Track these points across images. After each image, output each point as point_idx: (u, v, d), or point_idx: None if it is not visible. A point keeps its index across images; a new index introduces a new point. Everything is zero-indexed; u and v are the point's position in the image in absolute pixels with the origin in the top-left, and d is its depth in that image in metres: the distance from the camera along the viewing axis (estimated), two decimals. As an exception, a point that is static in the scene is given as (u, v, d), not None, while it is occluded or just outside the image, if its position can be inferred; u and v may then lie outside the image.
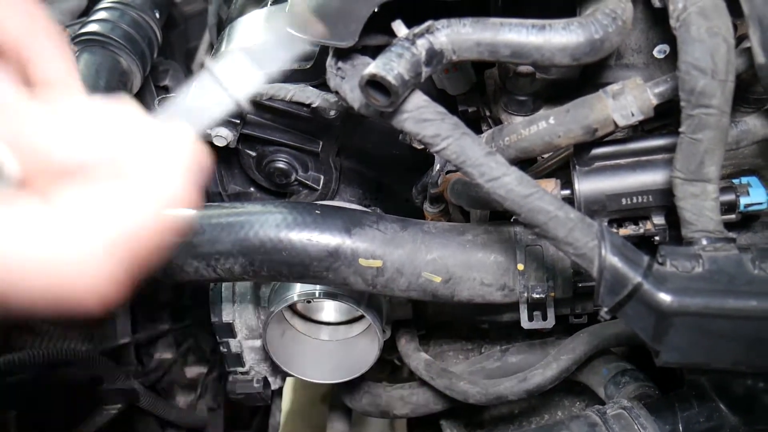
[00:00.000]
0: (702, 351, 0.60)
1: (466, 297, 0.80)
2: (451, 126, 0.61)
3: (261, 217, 0.78)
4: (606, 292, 0.58)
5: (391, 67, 0.58)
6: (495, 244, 0.80)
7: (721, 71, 0.58)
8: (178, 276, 0.80)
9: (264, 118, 0.99)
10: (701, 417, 0.78)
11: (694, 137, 0.61)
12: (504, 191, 0.60)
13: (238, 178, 1.11)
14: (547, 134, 0.70)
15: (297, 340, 1.03)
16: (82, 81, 1.03)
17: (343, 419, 1.39)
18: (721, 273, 0.59)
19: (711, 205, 0.63)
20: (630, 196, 0.73)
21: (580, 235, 0.59)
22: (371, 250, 0.77)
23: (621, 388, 0.88)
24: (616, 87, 0.68)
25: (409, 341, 1.08)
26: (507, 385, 0.90)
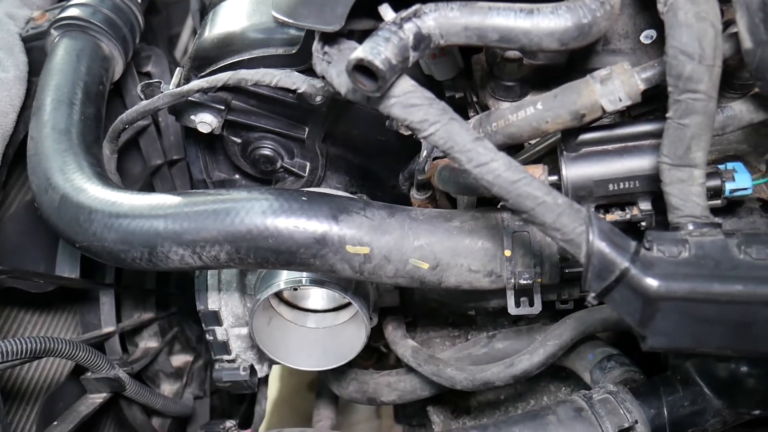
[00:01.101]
0: (688, 335, 0.60)
1: (453, 283, 0.80)
2: (439, 111, 0.61)
3: (247, 204, 0.77)
4: (593, 277, 0.58)
5: (379, 51, 0.58)
6: (482, 231, 0.80)
7: (709, 56, 0.58)
8: (163, 264, 0.79)
9: (249, 104, 0.98)
10: (685, 400, 0.79)
11: (681, 122, 0.61)
12: (492, 177, 0.60)
13: (223, 165, 1.10)
14: (534, 120, 0.70)
15: (284, 328, 1.02)
16: (62, 67, 1.02)
17: (330, 406, 1.39)
18: (707, 258, 0.59)
19: (697, 191, 0.63)
20: (617, 181, 0.73)
21: (567, 221, 0.59)
22: (358, 237, 0.77)
23: (607, 373, 0.89)
24: (603, 72, 0.68)
25: (396, 328, 1.08)
26: (494, 371, 0.90)
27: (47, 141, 0.88)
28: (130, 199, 0.80)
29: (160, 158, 1.29)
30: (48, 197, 0.83)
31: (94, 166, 0.88)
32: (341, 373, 1.14)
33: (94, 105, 0.98)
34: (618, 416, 0.76)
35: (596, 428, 0.76)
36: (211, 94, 0.94)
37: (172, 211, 0.78)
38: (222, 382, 1.07)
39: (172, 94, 0.89)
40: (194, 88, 0.87)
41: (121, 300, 1.25)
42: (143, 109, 0.91)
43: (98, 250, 0.80)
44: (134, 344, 1.32)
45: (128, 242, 0.78)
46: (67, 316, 1.15)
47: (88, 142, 0.92)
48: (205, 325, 1.04)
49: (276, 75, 0.84)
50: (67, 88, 0.96)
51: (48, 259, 1.08)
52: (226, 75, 0.86)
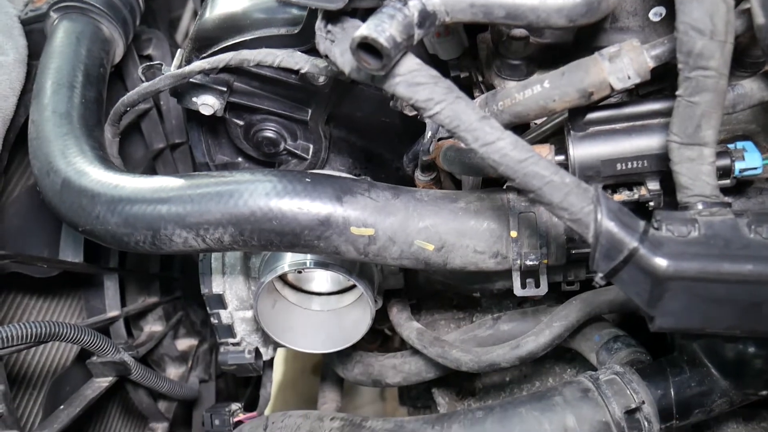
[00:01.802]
0: (697, 316, 0.59)
1: (458, 264, 0.79)
2: (445, 89, 0.60)
3: (250, 186, 0.77)
4: (601, 257, 0.57)
5: (383, 29, 0.57)
6: (488, 211, 0.79)
7: (720, 32, 0.57)
8: (167, 247, 0.78)
9: (251, 85, 0.97)
10: (692, 381, 0.78)
11: (691, 100, 0.60)
12: (498, 156, 0.59)
13: (225, 148, 1.09)
14: (541, 98, 0.69)
15: (288, 311, 1.02)
16: (62, 50, 1.01)
17: (335, 389, 1.39)
18: (716, 237, 0.58)
19: (707, 170, 0.62)
20: (625, 161, 0.72)
21: (575, 200, 0.58)
22: (363, 218, 0.76)
23: (613, 354, 0.88)
24: (612, 49, 0.66)
25: (401, 311, 1.07)
26: (499, 353, 0.90)
27: (48, 124, 0.88)
28: (133, 182, 0.80)
29: (162, 142, 1.28)
30: (50, 181, 0.83)
31: (95, 149, 0.87)
32: (346, 356, 1.14)
33: (94, 88, 0.97)
34: (625, 397, 0.76)
35: (603, 409, 0.75)
36: (212, 76, 0.93)
37: (175, 193, 0.78)
38: (227, 365, 1.07)
39: (173, 75, 0.88)
40: (196, 70, 0.86)
41: (125, 284, 1.25)
42: (144, 91, 0.90)
43: (101, 233, 0.80)
44: (139, 328, 1.32)
45: (131, 225, 0.78)
46: (71, 301, 1.15)
47: (89, 125, 0.91)
48: (210, 308, 1.04)
49: (278, 55, 0.83)
50: (68, 71, 0.95)
51: (52, 243, 1.08)
52: (227, 56, 0.85)
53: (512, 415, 0.78)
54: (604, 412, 0.76)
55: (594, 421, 0.75)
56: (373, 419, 0.84)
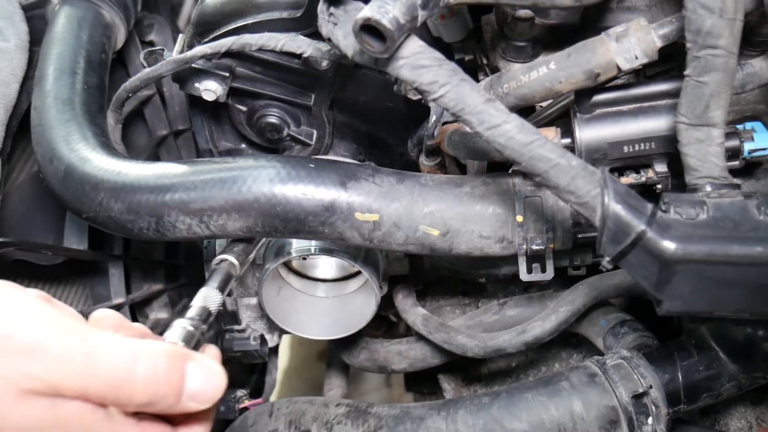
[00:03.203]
0: (705, 299, 0.59)
1: (464, 250, 0.79)
2: (449, 72, 0.59)
3: (254, 171, 0.76)
4: (608, 240, 0.57)
5: (386, 10, 0.56)
6: (493, 196, 0.78)
7: (730, 9, 0.56)
8: (170, 234, 0.78)
9: (254, 71, 0.96)
10: (700, 365, 0.78)
11: (699, 80, 0.59)
12: (504, 139, 0.58)
13: (229, 135, 1.09)
14: (547, 80, 0.68)
15: (293, 297, 1.02)
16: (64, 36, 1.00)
17: (341, 375, 1.40)
18: (725, 219, 0.57)
19: (716, 151, 0.61)
20: (632, 143, 0.71)
21: (582, 183, 0.57)
22: (367, 204, 0.76)
23: (620, 339, 0.88)
24: (619, 29, 0.65)
25: (406, 297, 1.07)
26: (505, 338, 0.90)
27: (50, 111, 0.87)
28: (136, 169, 0.79)
29: (165, 129, 1.27)
30: (53, 168, 0.82)
31: (98, 135, 0.87)
32: (351, 342, 1.14)
33: (96, 74, 0.97)
34: (632, 381, 0.76)
35: (610, 394, 0.75)
36: (215, 61, 0.93)
37: (179, 180, 0.77)
38: (232, 351, 1.07)
39: (175, 60, 0.87)
40: (198, 54, 0.86)
41: (130, 271, 1.25)
42: (146, 77, 0.89)
43: (105, 220, 0.79)
44: (144, 315, 1.32)
45: (135, 212, 0.77)
46: (76, 288, 1.15)
47: (91, 111, 0.90)
48: (215, 295, 1.03)
49: (281, 39, 0.82)
50: (69, 57, 0.94)
51: (56, 230, 1.07)
52: (229, 40, 0.84)
53: (519, 401, 0.77)
54: (611, 396, 0.75)
55: (601, 406, 0.75)
56: (379, 405, 0.84)
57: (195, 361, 0.56)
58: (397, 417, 0.81)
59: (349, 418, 0.83)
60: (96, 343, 0.49)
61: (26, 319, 0.48)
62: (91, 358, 0.48)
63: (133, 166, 0.79)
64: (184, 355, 0.55)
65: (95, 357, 0.48)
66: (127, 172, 0.79)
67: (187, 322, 0.65)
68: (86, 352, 0.48)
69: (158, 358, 0.52)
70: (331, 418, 0.84)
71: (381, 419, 0.81)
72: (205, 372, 0.55)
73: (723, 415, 0.93)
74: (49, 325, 0.48)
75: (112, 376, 0.49)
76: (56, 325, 0.48)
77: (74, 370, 0.47)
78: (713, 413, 0.93)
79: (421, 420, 0.79)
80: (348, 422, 0.83)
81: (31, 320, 0.48)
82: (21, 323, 0.47)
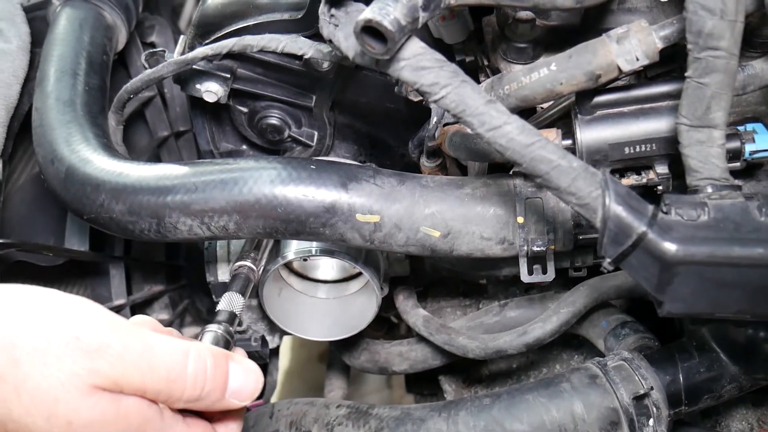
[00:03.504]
0: (706, 300, 0.59)
1: (465, 251, 0.79)
2: (450, 74, 0.59)
3: (255, 173, 0.76)
4: (609, 242, 0.57)
5: (387, 12, 0.56)
6: (494, 197, 0.78)
7: (731, 11, 0.56)
8: (171, 235, 0.78)
9: (255, 72, 0.96)
10: (702, 367, 0.78)
11: (700, 81, 0.59)
12: (505, 141, 0.58)
13: (230, 136, 1.09)
14: (548, 81, 0.68)
15: (294, 299, 1.02)
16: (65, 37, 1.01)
17: (341, 377, 1.40)
18: (726, 221, 0.57)
19: (717, 152, 0.61)
20: (633, 144, 0.71)
21: (583, 185, 0.57)
22: (368, 205, 0.76)
23: (621, 340, 0.88)
24: (620, 31, 0.65)
25: (407, 298, 1.07)
26: (506, 339, 0.90)
27: (52, 112, 0.87)
28: (137, 170, 0.79)
29: (166, 130, 1.28)
30: (54, 169, 0.82)
31: (99, 137, 0.87)
32: (352, 344, 1.14)
33: (98, 75, 0.97)
34: (633, 383, 0.76)
35: (611, 395, 0.75)
36: (216, 63, 0.93)
37: (180, 181, 0.77)
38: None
39: (176, 62, 0.87)
40: (199, 56, 0.86)
41: (131, 272, 1.25)
42: (148, 78, 0.90)
43: (106, 221, 0.79)
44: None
45: (136, 213, 0.77)
46: (77, 289, 1.15)
47: (93, 113, 0.90)
48: (216, 296, 1.04)
49: (282, 40, 0.82)
50: (71, 59, 0.95)
51: (57, 232, 1.07)
52: (231, 41, 0.84)
53: (519, 402, 0.77)
54: (612, 398, 0.75)
55: (602, 408, 0.75)
56: (380, 407, 0.84)
57: (235, 360, 0.60)
58: (398, 418, 0.81)
59: (349, 420, 0.83)
60: (151, 342, 0.54)
61: (91, 322, 0.52)
62: (149, 355, 0.53)
63: (134, 168, 0.80)
64: (227, 354, 0.60)
65: (152, 355, 0.53)
66: (129, 173, 0.79)
67: (218, 327, 0.70)
68: (144, 351, 0.53)
69: (206, 356, 0.57)
70: (332, 419, 0.84)
71: (382, 420, 0.81)
72: (244, 371, 0.60)
73: (724, 417, 0.93)
74: (111, 326, 0.53)
75: (167, 372, 0.54)
76: (116, 326, 0.53)
77: (134, 367, 0.52)
78: (714, 415, 0.93)
79: (421, 421, 0.80)
80: (349, 423, 0.83)
81: (95, 323, 0.52)
82: (86, 325, 0.52)
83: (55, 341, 0.50)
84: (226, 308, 0.75)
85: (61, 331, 0.51)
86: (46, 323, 0.51)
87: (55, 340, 0.50)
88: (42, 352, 0.50)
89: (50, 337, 0.50)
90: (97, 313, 0.54)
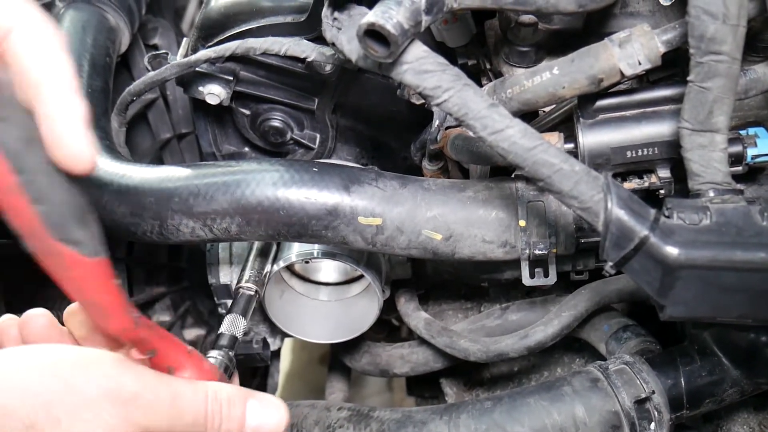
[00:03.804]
0: (708, 304, 0.59)
1: (467, 254, 0.79)
2: (453, 77, 0.59)
3: (257, 175, 0.77)
4: (611, 246, 0.57)
5: (390, 15, 0.56)
6: (496, 200, 0.79)
7: (733, 15, 0.56)
8: (174, 237, 0.78)
9: (258, 75, 0.97)
10: (703, 371, 0.78)
11: (703, 86, 0.59)
12: (507, 144, 0.58)
13: (232, 138, 1.09)
14: (551, 85, 0.68)
15: (296, 301, 1.02)
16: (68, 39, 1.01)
17: (342, 379, 1.39)
18: (728, 225, 0.57)
19: (719, 156, 0.61)
20: (635, 148, 0.71)
21: (585, 188, 0.57)
22: (370, 208, 0.76)
23: (622, 344, 0.88)
24: (622, 35, 0.66)
25: (409, 301, 1.07)
26: (508, 342, 0.89)
27: (55, 114, 0.87)
28: (140, 172, 0.80)
29: (169, 132, 1.28)
30: (57, 171, 0.83)
31: (102, 139, 0.87)
32: (353, 346, 1.14)
33: (101, 77, 0.97)
34: (634, 387, 0.76)
35: (612, 399, 0.75)
36: (218, 65, 0.93)
37: (182, 183, 0.77)
38: (235, 355, 1.07)
39: (179, 64, 0.87)
40: (202, 58, 0.86)
41: (132, 274, 1.25)
42: (150, 81, 0.90)
43: (108, 223, 0.79)
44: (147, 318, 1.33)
45: (138, 215, 0.77)
46: (79, 291, 1.15)
47: (96, 114, 0.91)
48: (218, 298, 1.04)
49: (285, 43, 0.82)
50: (74, 61, 0.95)
51: (59, 233, 1.07)
52: (234, 44, 0.85)
53: (521, 405, 0.77)
54: (613, 401, 0.75)
55: (603, 411, 0.75)
56: (381, 409, 0.84)
57: (255, 398, 0.62)
58: (399, 421, 0.81)
59: (350, 422, 0.83)
60: (179, 390, 0.57)
61: (119, 374, 0.55)
62: (177, 404, 0.56)
63: (136, 170, 0.80)
64: (245, 393, 0.62)
65: (178, 402, 0.56)
66: (131, 175, 0.79)
67: (218, 353, 0.73)
68: (173, 400, 0.56)
69: (221, 397, 0.59)
70: (333, 421, 0.84)
71: (383, 423, 0.81)
72: (264, 406, 0.62)
73: (726, 421, 0.92)
74: (137, 377, 0.55)
75: (192, 419, 0.57)
76: (143, 376, 0.56)
77: (165, 415, 0.55)
78: (716, 419, 0.93)
79: (423, 424, 0.80)
80: (350, 426, 0.83)
81: (123, 374, 0.55)
82: (116, 379, 0.54)
83: (90, 396, 0.52)
84: (227, 331, 0.76)
85: (94, 386, 0.53)
86: (78, 380, 0.53)
87: (90, 396, 0.52)
88: (80, 408, 0.52)
89: (85, 393, 0.52)
90: (122, 364, 0.56)
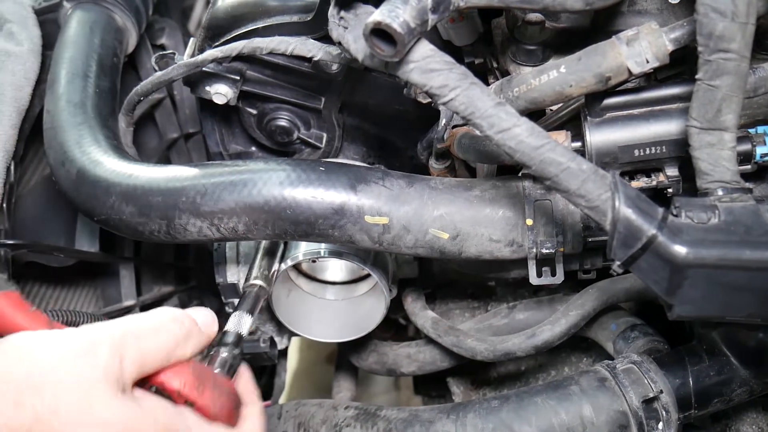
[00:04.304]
0: (716, 303, 0.58)
1: (474, 253, 0.78)
2: (459, 76, 0.59)
3: (264, 174, 0.77)
4: (619, 245, 0.57)
5: (397, 14, 0.56)
6: (503, 199, 0.78)
7: (742, 13, 0.56)
8: (181, 236, 0.79)
9: (264, 74, 0.97)
10: (712, 370, 0.77)
11: (711, 84, 0.59)
12: (514, 143, 0.58)
13: (239, 138, 1.09)
14: (558, 84, 0.67)
15: (303, 300, 1.02)
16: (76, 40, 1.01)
17: (349, 378, 1.40)
18: (737, 224, 0.57)
19: (728, 155, 0.61)
20: (643, 147, 0.71)
21: (593, 187, 0.57)
22: (377, 207, 0.76)
23: (630, 343, 0.87)
24: (630, 33, 0.65)
25: (416, 300, 1.07)
26: (515, 342, 0.89)
27: (63, 114, 0.88)
28: (147, 172, 0.80)
29: (176, 132, 1.28)
30: (65, 171, 0.83)
31: (110, 139, 0.87)
32: (360, 345, 1.14)
33: (108, 78, 0.97)
34: (642, 386, 0.75)
35: (620, 398, 0.75)
36: (225, 65, 0.93)
37: (189, 183, 0.78)
38: (242, 354, 1.08)
39: (186, 64, 0.88)
40: (208, 58, 0.86)
41: (140, 274, 1.26)
42: (158, 80, 0.90)
43: (116, 223, 0.80)
44: (155, 317, 1.33)
45: (146, 215, 0.78)
46: (87, 290, 1.16)
47: (103, 115, 0.91)
48: (225, 298, 1.04)
49: (291, 43, 0.82)
50: (82, 61, 0.95)
51: (68, 233, 1.08)
52: (240, 44, 0.85)
53: (528, 405, 0.77)
54: (621, 401, 0.75)
55: (611, 411, 0.75)
56: (388, 408, 0.84)
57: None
58: (406, 420, 0.81)
59: (358, 421, 0.83)
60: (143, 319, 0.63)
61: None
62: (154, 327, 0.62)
63: (144, 169, 0.80)
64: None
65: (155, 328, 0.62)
66: (139, 175, 0.79)
67: (224, 350, 0.75)
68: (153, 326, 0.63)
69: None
70: (340, 420, 0.84)
71: (390, 422, 0.81)
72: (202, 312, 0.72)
73: (734, 421, 0.92)
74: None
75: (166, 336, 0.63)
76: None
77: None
78: (724, 419, 0.92)
79: (430, 423, 0.79)
80: (357, 425, 0.83)
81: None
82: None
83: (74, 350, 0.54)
84: (233, 329, 0.77)
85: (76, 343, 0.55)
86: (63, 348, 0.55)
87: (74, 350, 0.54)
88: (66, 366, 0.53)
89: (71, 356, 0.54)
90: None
